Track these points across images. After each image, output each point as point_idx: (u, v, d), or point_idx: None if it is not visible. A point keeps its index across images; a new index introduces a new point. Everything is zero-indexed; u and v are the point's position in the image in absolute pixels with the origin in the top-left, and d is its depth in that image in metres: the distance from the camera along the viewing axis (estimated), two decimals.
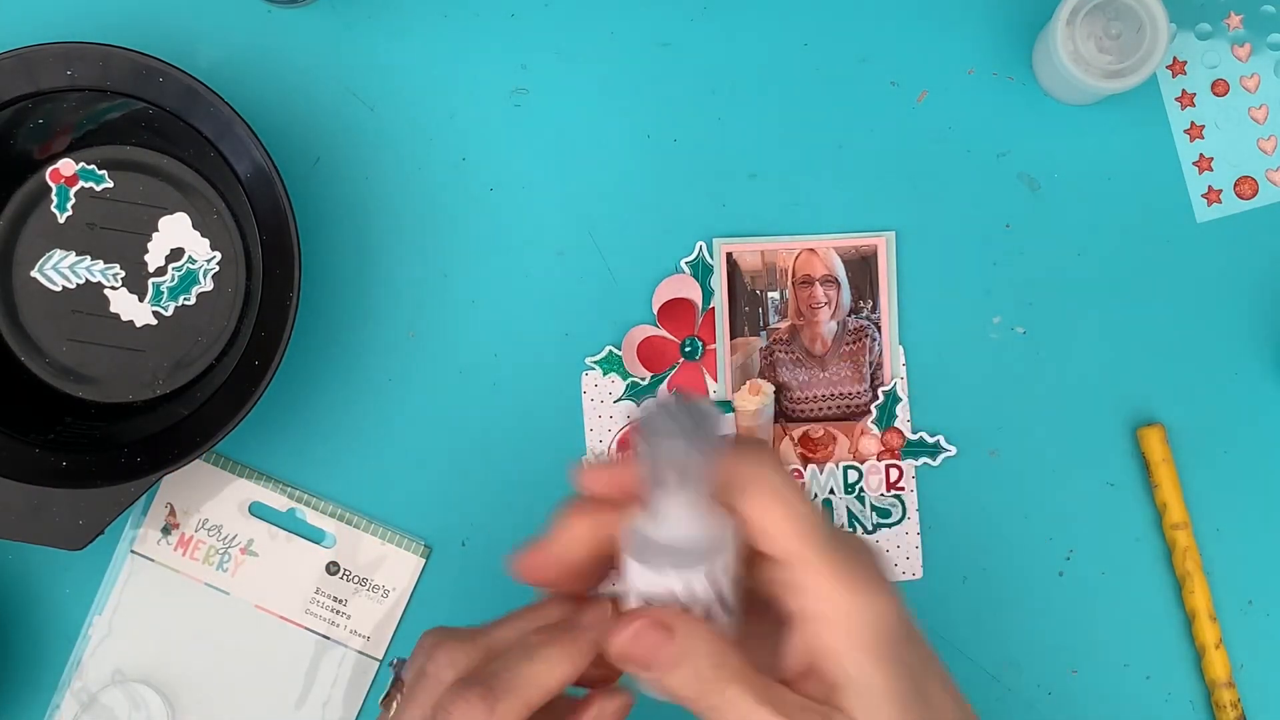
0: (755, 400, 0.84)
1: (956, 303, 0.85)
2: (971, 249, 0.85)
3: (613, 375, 0.84)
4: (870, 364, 0.84)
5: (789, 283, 0.84)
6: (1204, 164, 0.85)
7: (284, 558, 0.84)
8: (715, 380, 0.84)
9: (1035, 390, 0.85)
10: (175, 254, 0.83)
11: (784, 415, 0.84)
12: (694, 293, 0.84)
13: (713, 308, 0.84)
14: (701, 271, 0.84)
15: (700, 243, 0.84)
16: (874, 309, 0.84)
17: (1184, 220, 0.85)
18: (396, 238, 0.84)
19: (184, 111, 0.79)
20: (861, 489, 0.84)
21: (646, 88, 0.85)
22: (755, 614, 0.62)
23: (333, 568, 0.84)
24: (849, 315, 0.84)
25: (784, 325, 0.85)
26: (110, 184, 0.83)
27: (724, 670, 0.60)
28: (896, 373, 0.84)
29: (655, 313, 0.84)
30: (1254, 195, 0.85)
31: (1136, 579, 0.84)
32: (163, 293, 0.83)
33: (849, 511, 0.84)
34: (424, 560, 0.84)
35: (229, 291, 0.83)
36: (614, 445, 0.84)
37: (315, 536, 0.84)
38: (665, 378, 0.84)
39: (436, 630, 0.65)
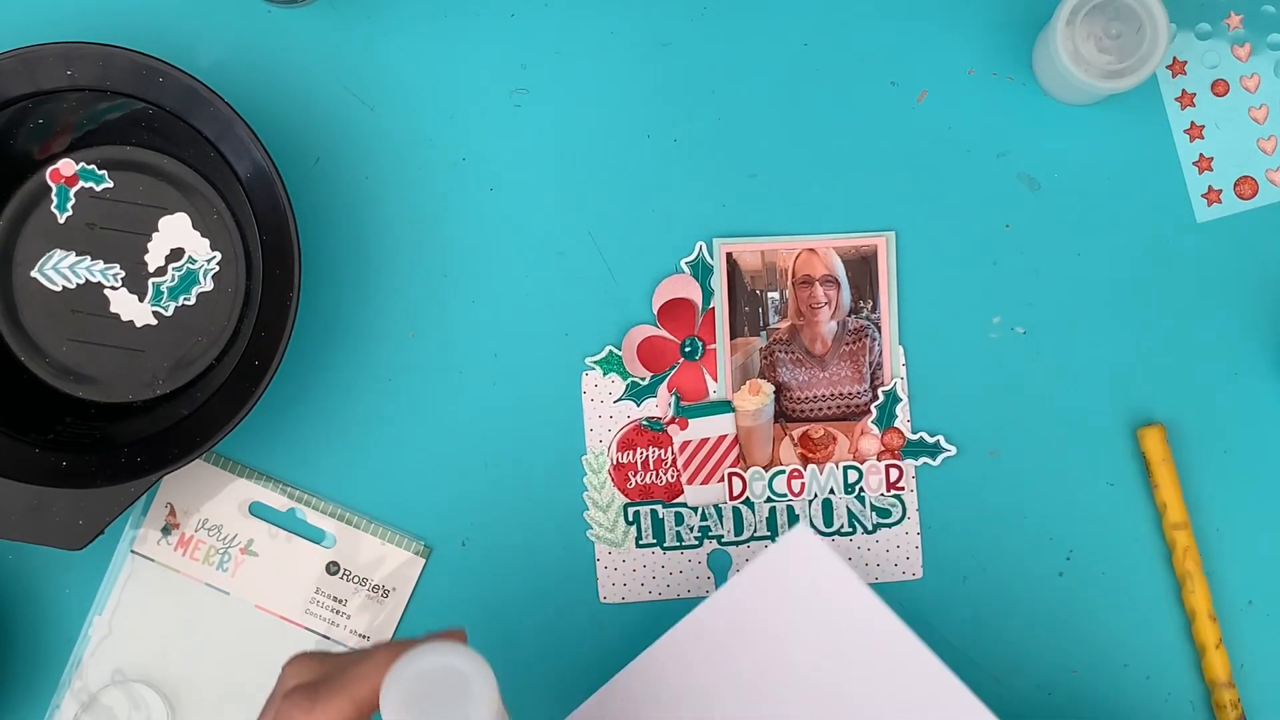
0: (755, 400, 0.84)
1: (956, 303, 0.85)
2: (971, 249, 0.85)
3: (613, 375, 0.84)
4: (870, 364, 0.84)
5: (789, 283, 0.84)
6: (1204, 164, 0.85)
7: (284, 558, 0.84)
8: (715, 380, 0.84)
9: (1035, 390, 0.85)
10: (175, 254, 0.83)
11: (784, 415, 0.84)
12: (694, 293, 0.84)
13: (713, 308, 0.84)
14: (701, 271, 0.84)
15: (700, 243, 0.84)
16: (874, 309, 0.84)
17: (1184, 220, 0.85)
18: (396, 238, 0.84)
19: (184, 111, 0.79)
20: (861, 489, 0.84)
21: (646, 88, 0.85)
22: None
23: (333, 568, 0.84)
24: (849, 315, 0.85)
25: (784, 325, 0.85)
26: (110, 184, 0.83)
27: None
28: (896, 373, 0.84)
29: (655, 313, 0.84)
30: (1254, 195, 0.85)
31: (1136, 579, 0.84)
32: (163, 293, 0.83)
33: (849, 511, 0.84)
34: (424, 560, 0.84)
35: (229, 291, 0.83)
36: (614, 445, 0.84)
37: (315, 536, 0.84)
38: (665, 377, 0.84)
39: (296, 653, 0.68)
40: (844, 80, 0.85)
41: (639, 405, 0.84)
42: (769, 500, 0.84)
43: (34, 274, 0.83)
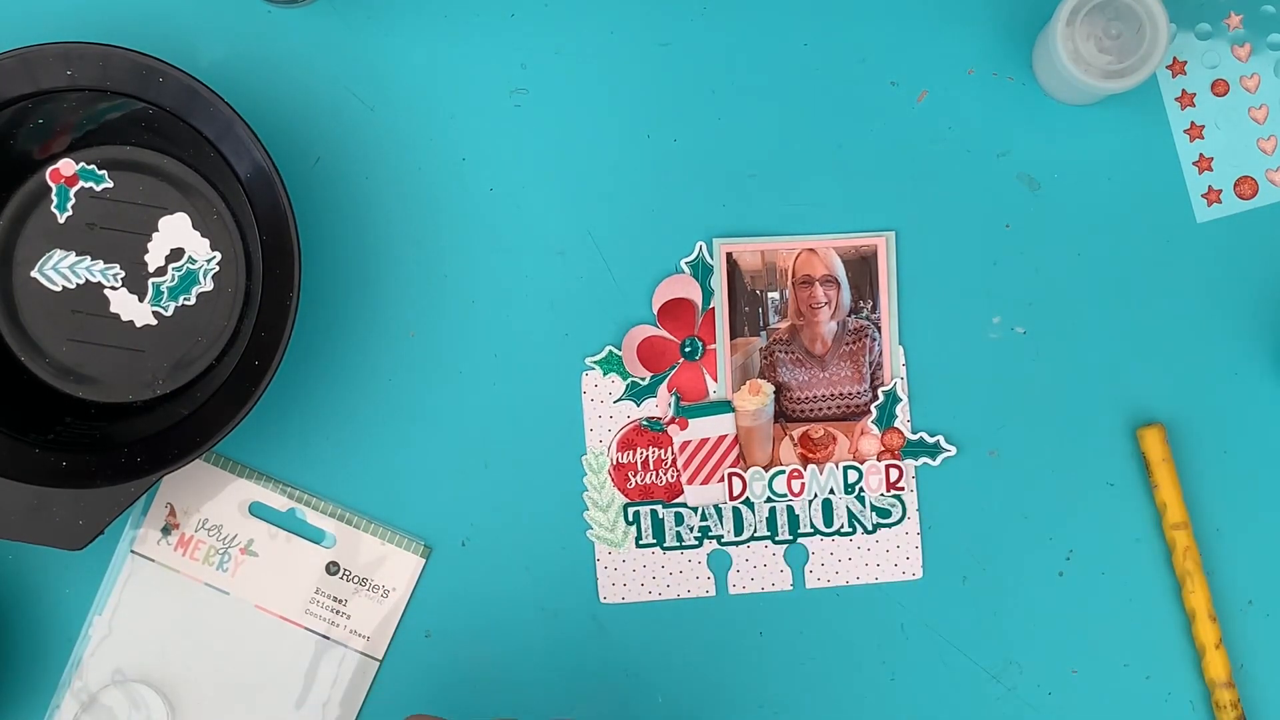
0: (755, 400, 0.84)
1: (956, 303, 0.85)
2: (971, 249, 0.85)
3: (613, 375, 0.84)
4: (870, 364, 0.84)
5: (789, 283, 0.84)
6: (1204, 164, 0.85)
7: (284, 558, 0.84)
8: (715, 380, 0.84)
9: (1035, 390, 0.85)
10: (175, 254, 0.83)
11: (784, 415, 0.84)
12: (694, 293, 0.84)
13: (713, 308, 0.84)
14: (701, 271, 0.84)
15: (700, 243, 0.84)
16: (874, 309, 0.84)
17: (1184, 220, 0.85)
18: (396, 238, 0.84)
19: (184, 111, 0.79)
20: (861, 489, 0.84)
21: (646, 88, 0.85)
22: None
23: (333, 568, 0.84)
24: (849, 315, 0.84)
25: (784, 325, 0.85)
26: (110, 184, 0.83)
27: None
28: (896, 373, 0.84)
29: (655, 313, 0.84)
30: (1254, 195, 0.85)
31: (1136, 579, 0.84)
32: (163, 293, 0.83)
33: (849, 511, 0.84)
34: (424, 560, 0.84)
35: (229, 291, 0.83)
36: (614, 445, 0.84)
37: (315, 536, 0.84)
38: (665, 378, 0.84)
39: None
40: (844, 80, 0.85)
41: (639, 405, 0.84)
42: (769, 500, 0.84)
43: (34, 274, 0.83)
